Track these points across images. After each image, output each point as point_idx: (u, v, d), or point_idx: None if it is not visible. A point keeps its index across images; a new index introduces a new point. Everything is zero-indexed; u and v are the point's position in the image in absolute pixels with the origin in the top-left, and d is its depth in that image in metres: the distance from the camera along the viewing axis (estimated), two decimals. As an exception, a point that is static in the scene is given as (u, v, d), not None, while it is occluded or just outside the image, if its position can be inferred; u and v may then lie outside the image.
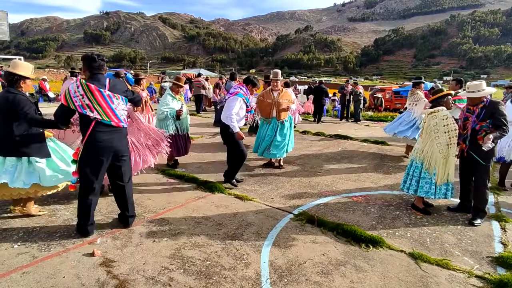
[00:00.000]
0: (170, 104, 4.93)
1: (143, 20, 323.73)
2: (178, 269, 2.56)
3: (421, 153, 3.71)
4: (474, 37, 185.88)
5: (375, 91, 18.66)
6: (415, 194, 3.80)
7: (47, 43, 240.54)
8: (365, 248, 2.99)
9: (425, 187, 3.68)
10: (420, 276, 2.58)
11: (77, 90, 2.78)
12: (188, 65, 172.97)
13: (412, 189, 3.77)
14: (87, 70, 2.90)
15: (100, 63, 2.90)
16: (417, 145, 3.88)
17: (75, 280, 2.38)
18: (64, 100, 2.81)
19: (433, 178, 3.65)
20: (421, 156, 3.71)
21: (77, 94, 2.77)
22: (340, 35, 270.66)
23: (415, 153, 3.84)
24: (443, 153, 3.55)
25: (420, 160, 3.74)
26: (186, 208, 3.78)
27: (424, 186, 3.69)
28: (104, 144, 2.90)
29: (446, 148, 3.54)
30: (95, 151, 2.89)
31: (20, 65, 3.11)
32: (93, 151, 2.89)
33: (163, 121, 4.94)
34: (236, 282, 2.43)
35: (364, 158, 6.53)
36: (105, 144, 2.91)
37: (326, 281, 2.49)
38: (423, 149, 3.70)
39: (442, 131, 3.53)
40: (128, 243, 2.92)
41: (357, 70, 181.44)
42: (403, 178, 3.99)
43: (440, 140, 3.54)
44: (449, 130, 3.52)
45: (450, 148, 3.54)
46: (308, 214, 3.66)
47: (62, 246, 2.84)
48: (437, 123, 3.57)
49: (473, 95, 3.61)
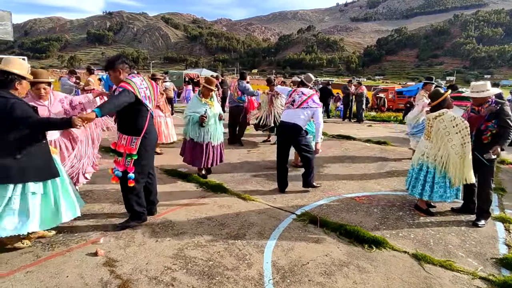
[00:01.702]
0: (195, 108, 4.59)
1: (146, 20, 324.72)
2: (181, 269, 2.57)
3: (434, 158, 3.61)
4: (477, 37, 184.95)
5: (377, 91, 18.62)
6: (430, 200, 3.73)
7: (50, 43, 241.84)
8: (368, 249, 2.98)
9: (440, 191, 3.60)
10: (424, 278, 2.57)
11: (142, 83, 3.03)
12: (191, 65, 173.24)
13: (427, 194, 3.67)
14: (125, 70, 3.06)
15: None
16: (424, 149, 3.76)
17: (78, 279, 2.39)
18: (132, 88, 2.90)
19: (446, 182, 3.59)
20: (434, 161, 3.61)
21: (142, 86, 3.01)
22: (343, 35, 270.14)
23: (424, 158, 3.72)
24: (459, 154, 3.47)
25: (432, 165, 3.64)
26: (189, 208, 3.79)
27: (438, 191, 3.61)
28: (155, 135, 3.25)
29: (461, 148, 3.45)
30: (151, 142, 3.16)
31: (14, 62, 2.52)
32: (149, 142, 3.13)
33: (187, 125, 4.65)
34: (239, 283, 2.43)
35: (367, 158, 6.51)
36: (155, 135, 3.27)
37: (329, 282, 2.48)
38: (437, 154, 3.59)
39: (454, 132, 3.46)
40: (131, 243, 2.93)
41: (360, 70, 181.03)
42: (409, 182, 3.90)
43: (454, 142, 3.46)
44: (460, 129, 3.44)
45: (465, 147, 3.45)
46: (310, 214, 3.65)
47: (65, 245, 2.85)
48: (446, 125, 3.50)
49: (478, 95, 3.58)
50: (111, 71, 3.02)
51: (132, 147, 3.00)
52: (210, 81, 4.69)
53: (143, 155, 3.08)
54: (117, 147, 3.07)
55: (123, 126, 3.07)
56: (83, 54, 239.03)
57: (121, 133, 3.08)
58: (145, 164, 3.16)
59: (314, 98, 4.34)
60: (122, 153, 3.03)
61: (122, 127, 3.08)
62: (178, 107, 15.94)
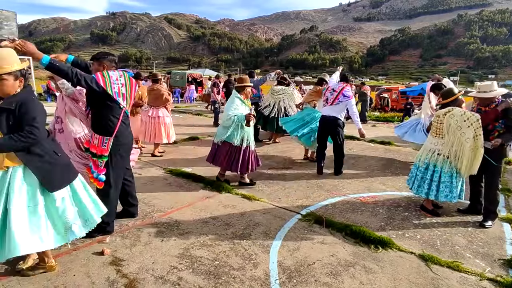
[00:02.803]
0: (239, 108, 4.28)
1: (149, 21, 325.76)
2: (187, 269, 2.56)
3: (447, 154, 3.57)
4: (481, 36, 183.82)
5: (381, 91, 18.55)
6: (436, 199, 3.71)
7: (54, 44, 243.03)
8: (374, 249, 2.96)
9: (445, 191, 3.58)
10: (431, 278, 2.55)
11: (118, 78, 2.83)
12: (194, 65, 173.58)
13: (433, 194, 3.65)
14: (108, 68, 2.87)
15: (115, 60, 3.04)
16: (433, 147, 3.72)
17: (85, 278, 2.40)
18: (102, 81, 2.69)
19: (453, 181, 3.56)
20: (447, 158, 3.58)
21: (118, 82, 2.81)
22: (346, 35, 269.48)
23: (434, 156, 3.68)
24: (472, 147, 3.44)
25: (440, 164, 3.62)
26: (194, 207, 3.79)
27: (444, 191, 3.58)
28: (130, 137, 3.04)
29: (473, 141, 3.42)
30: (124, 145, 2.97)
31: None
32: (122, 143, 2.93)
33: (228, 128, 4.29)
34: (245, 282, 2.42)
35: (371, 158, 6.48)
36: (130, 138, 3.06)
37: (335, 282, 2.47)
38: (451, 149, 3.55)
39: (466, 126, 3.43)
40: (136, 242, 2.93)
41: (363, 70, 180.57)
42: (413, 181, 3.88)
43: (467, 135, 3.43)
44: (472, 122, 3.41)
45: (477, 140, 3.42)
46: (316, 214, 3.64)
47: (72, 244, 2.84)
48: (457, 120, 3.48)
49: (485, 95, 3.56)
50: (96, 63, 2.88)
51: (104, 148, 2.81)
52: (243, 79, 4.55)
53: (115, 158, 2.89)
54: (90, 147, 2.90)
55: (95, 124, 2.89)
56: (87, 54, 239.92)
57: (93, 131, 2.91)
58: (120, 167, 2.96)
59: (344, 92, 5.06)
60: (95, 153, 2.84)
61: (93, 125, 2.91)
62: (181, 107, 15.97)
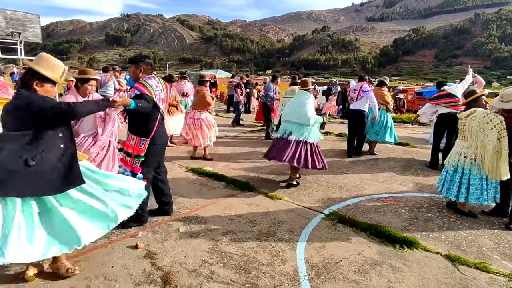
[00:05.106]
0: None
1: (162, 22, 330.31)
2: (217, 263, 2.66)
3: (473, 157, 3.56)
4: (500, 36, 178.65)
5: (397, 92, 18.31)
6: (466, 202, 3.67)
7: (71, 45, 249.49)
8: (400, 248, 2.99)
9: (476, 193, 3.55)
10: (459, 279, 2.57)
11: (157, 85, 3.07)
12: (206, 65, 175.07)
13: (463, 197, 3.62)
14: (146, 71, 3.08)
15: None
16: (460, 150, 3.72)
17: (123, 270, 2.52)
18: (148, 92, 2.92)
19: (483, 183, 3.53)
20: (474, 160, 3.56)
21: (157, 89, 3.05)
22: (358, 35, 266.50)
23: (461, 158, 3.67)
24: (496, 149, 3.41)
25: (468, 166, 3.60)
26: (218, 205, 3.89)
27: (474, 193, 3.55)
28: (165, 137, 3.25)
29: (498, 143, 3.39)
30: (160, 145, 3.15)
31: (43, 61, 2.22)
32: (158, 144, 3.12)
33: (313, 127, 4.55)
34: (275, 278, 2.50)
35: (390, 159, 6.45)
36: (165, 138, 3.26)
37: (363, 279, 2.52)
38: (475, 152, 3.53)
39: (489, 128, 3.42)
40: (168, 237, 3.05)
41: (375, 71, 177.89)
42: (442, 184, 3.87)
43: (490, 137, 3.41)
44: (495, 124, 3.39)
45: (502, 141, 3.39)
46: (339, 214, 3.68)
47: (106, 237, 2.98)
48: (479, 122, 3.47)
49: (509, 105, 3.52)
50: (134, 66, 3.05)
51: (141, 149, 3.00)
52: (306, 82, 4.79)
53: (151, 157, 3.07)
54: (125, 147, 3.09)
55: (133, 126, 3.07)
56: (102, 55, 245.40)
57: (130, 133, 3.09)
58: (151, 165, 3.13)
59: (363, 88, 6.30)
60: (131, 153, 3.04)
61: (132, 127, 3.09)
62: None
